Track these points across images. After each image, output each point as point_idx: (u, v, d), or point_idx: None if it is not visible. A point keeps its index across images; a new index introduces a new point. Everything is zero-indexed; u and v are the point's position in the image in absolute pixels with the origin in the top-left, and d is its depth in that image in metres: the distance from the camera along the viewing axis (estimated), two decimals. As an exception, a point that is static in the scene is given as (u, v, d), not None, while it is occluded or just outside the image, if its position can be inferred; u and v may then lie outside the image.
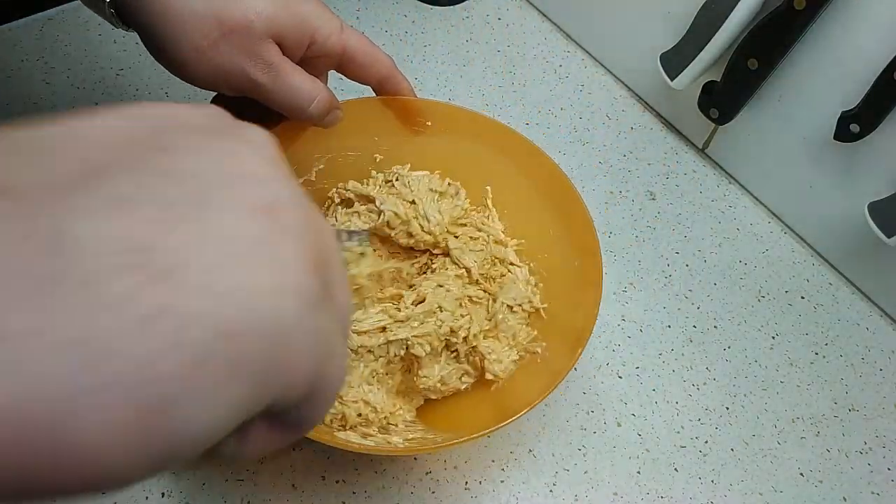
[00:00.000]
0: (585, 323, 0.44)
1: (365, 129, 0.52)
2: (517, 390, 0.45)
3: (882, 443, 0.51)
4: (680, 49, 0.61)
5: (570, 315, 0.47)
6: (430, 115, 0.52)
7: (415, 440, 0.43)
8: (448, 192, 0.53)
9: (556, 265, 0.50)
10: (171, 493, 0.44)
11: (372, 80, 0.49)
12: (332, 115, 0.46)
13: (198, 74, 0.41)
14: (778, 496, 0.48)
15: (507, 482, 0.47)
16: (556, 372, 0.42)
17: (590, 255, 0.47)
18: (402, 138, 0.52)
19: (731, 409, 0.52)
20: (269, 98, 0.42)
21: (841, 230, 0.59)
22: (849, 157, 0.56)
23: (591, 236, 0.48)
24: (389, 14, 0.77)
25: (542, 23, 0.78)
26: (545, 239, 0.51)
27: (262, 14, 0.40)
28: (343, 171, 0.52)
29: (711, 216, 0.63)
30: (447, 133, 0.52)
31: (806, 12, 0.52)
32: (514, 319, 0.49)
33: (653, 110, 0.71)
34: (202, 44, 0.39)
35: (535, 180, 0.51)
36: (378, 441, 0.42)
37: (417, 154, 0.53)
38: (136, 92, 0.65)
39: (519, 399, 0.43)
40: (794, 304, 0.58)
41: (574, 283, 0.48)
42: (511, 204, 0.53)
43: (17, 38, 0.68)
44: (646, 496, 0.47)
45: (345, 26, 0.45)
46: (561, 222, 0.50)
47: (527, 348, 0.48)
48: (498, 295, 0.49)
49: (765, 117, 0.61)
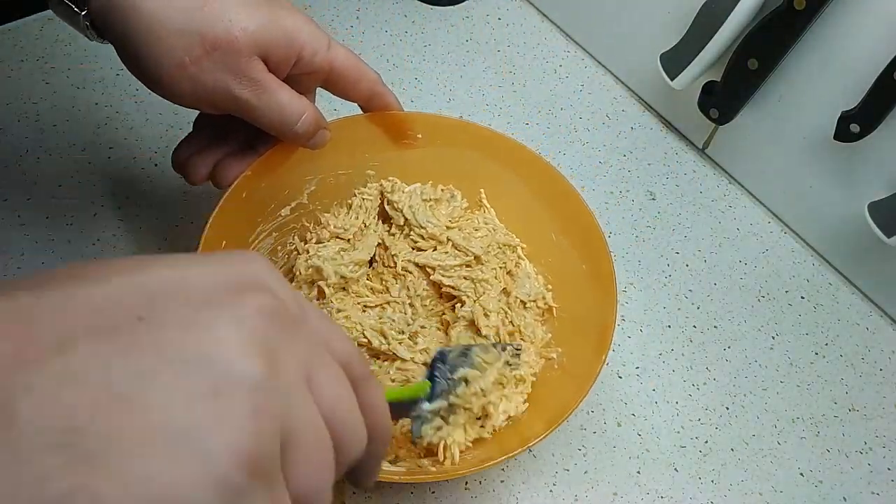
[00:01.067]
0: (605, 325, 0.44)
1: (354, 147, 0.51)
2: (544, 400, 0.45)
3: (882, 443, 0.51)
4: (680, 49, 0.61)
5: (585, 317, 0.47)
6: (420, 127, 0.52)
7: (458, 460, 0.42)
8: (443, 197, 0.53)
9: (561, 268, 0.50)
10: (171, 493, 0.44)
11: (359, 97, 0.48)
12: (320, 136, 0.45)
13: (179, 92, 0.40)
14: (778, 496, 0.48)
15: (507, 482, 0.47)
16: (582, 377, 0.42)
17: (598, 256, 0.47)
18: (393, 153, 0.52)
19: (731, 409, 0.52)
20: (254, 116, 0.41)
21: (841, 230, 0.59)
22: (849, 157, 0.56)
23: (597, 236, 0.48)
24: (389, 14, 0.77)
25: (542, 23, 0.78)
26: (547, 242, 0.51)
27: (247, 30, 0.38)
28: (335, 191, 0.52)
29: (711, 216, 0.63)
30: (437, 144, 0.52)
31: (806, 12, 0.52)
32: (529, 316, 0.49)
33: (653, 110, 0.71)
34: (184, 60, 0.38)
35: (532, 184, 0.51)
36: (409, 466, 0.41)
37: (409, 167, 0.53)
38: (136, 92, 0.65)
39: (551, 408, 0.42)
40: (794, 304, 0.58)
41: (584, 285, 0.48)
42: (508, 209, 0.53)
43: (17, 38, 0.68)
44: (646, 496, 0.47)
45: (332, 42, 0.44)
46: (563, 224, 0.50)
47: (542, 353, 0.48)
48: (511, 289, 0.49)
49: (765, 117, 0.61)
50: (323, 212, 0.52)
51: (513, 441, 0.41)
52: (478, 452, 0.42)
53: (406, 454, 0.42)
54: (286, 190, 0.50)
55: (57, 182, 0.59)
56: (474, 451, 0.43)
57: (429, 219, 0.50)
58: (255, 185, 0.46)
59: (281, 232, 0.50)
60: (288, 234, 0.51)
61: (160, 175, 0.60)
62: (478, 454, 0.42)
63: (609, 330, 0.44)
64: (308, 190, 0.51)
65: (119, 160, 0.61)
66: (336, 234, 0.50)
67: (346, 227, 0.50)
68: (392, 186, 0.52)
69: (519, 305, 0.49)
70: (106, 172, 0.60)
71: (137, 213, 0.58)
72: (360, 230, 0.51)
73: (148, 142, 0.62)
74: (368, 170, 0.53)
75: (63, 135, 0.62)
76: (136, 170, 0.60)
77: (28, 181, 0.58)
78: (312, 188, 0.51)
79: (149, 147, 0.62)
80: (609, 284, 0.46)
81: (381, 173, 0.53)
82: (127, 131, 0.63)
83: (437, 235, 0.50)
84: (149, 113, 0.64)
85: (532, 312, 0.49)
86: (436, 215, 0.51)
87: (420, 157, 0.52)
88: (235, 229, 0.46)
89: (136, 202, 0.58)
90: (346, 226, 0.50)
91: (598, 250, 0.47)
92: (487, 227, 0.52)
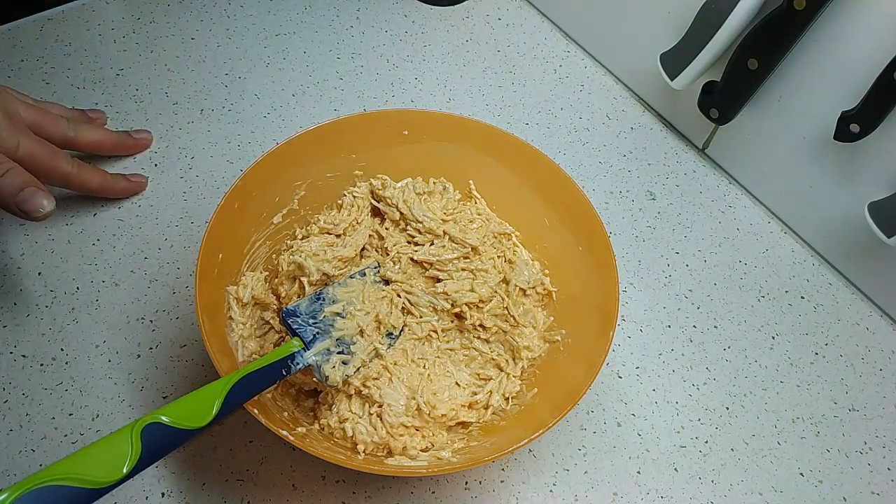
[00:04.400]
0: (608, 299, 0.44)
1: (340, 149, 0.52)
2: (554, 382, 0.45)
3: (882, 443, 0.51)
4: (680, 49, 0.61)
5: (585, 296, 0.47)
6: (405, 123, 0.52)
7: (464, 450, 0.42)
8: (436, 190, 0.53)
9: (558, 252, 0.50)
10: (171, 493, 0.44)
11: (55, 184, 0.53)
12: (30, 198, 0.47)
13: None
14: (778, 496, 0.48)
15: (507, 482, 0.47)
16: (590, 356, 0.42)
17: (594, 236, 0.47)
18: (380, 151, 0.52)
19: (731, 409, 0.52)
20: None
21: (841, 230, 0.59)
22: (849, 157, 0.56)
23: (591, 215, 0.48)
24: (389, 14, 0.77)
25: (542, 23, 0.78)
26: (541, 228, 0.51)
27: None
28: (325, 195, 0.52)
29: (711, 216, 0.63)
30: (423, 139, 0.52)
31: (806, 12, 0.52)
32: (529, 303, 0.49)
33: (653, 110, 0.71)
34: None
35: (521, 171, 0.52)
36: (429, 459, 0.42)
37: (396, 164, 0.53)
38: (136, 92, 0.65)
39: (561, 390, 0.42)
40: (794, 304, 0.58)
41: (582, 264, 0.48)
42: (499, 198, 0.53)
43: (17, 38, 0.68)
44: (646, 496, 0.47)
45: (22, 141, 0.49)
46: (554, 207, 0.50)
47: (545, 337, 0.48)
48: (510, 277, 0.49)
49: (765, 117, 0.61)
50: (314, 216, 0.52)
51: (530, 424, 0.41)
52: (495, 439, 0.42)
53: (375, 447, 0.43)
54: (276, 197, 0.50)
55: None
56: (490, 437, 0.43)
57: (424, 213, 0.51)
58: (245, 194, 0.46)
59: (274, 240, 0.50)
60: (281, 241, 0.51)
61: (160, 175, 0.60)
62: (496, 441, 0.42)
63: (613, 303, 0.44)
64: (298, 196, 0.51)
65: (119, 160, 0.61)
66: (326, 230, 0.50)
67: (335, 223, 0.50)
68: (383, 183, 0.52)
69: (518, 293, 0.49)
70: (106, 172, 0.60)
71: (137, 213, 0.58)
72: (350, 226, 0.51)
73: (148, 142, 0.62)
74: (356, 170, 0.53)
75: (63, 135, 0.62)
76: (135, 170, 0.60)
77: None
78: (302, 193, 0.51)
79: (149, 147, 0.62)
80: (607, 258, 0.46)
81: (369, 172, 0.53)
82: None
83: (434, 230, 0.50)
84: (149, 113, 0.64)
85: (532, 299, 0.49)
86: (430, 209, 0.51)
87: (407, 154, 0.53)
88: (230, 241, 0.46)
89: (136, 202, 0.58)
90: (336, 221, 0.50)
91: (591, 227, 0.47)
92: (481, 218, 0.52)
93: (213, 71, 0.69)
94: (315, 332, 0.43)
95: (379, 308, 0.46)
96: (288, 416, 0.43)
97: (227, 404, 0.36)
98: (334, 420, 0.43)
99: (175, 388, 0.48)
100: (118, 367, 0.49)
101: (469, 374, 0.47)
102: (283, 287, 0.48)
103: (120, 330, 0.51)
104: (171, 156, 0.62)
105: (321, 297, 0.45)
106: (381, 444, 0.42)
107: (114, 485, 0.30)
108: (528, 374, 0.47)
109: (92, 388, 0.48)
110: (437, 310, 0.48)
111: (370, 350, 0.45)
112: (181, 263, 0.55)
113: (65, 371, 0.49)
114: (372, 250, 0.51)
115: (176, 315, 0.52)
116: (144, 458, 0.31)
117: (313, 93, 0.68)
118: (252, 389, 0.38)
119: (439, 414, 0.44)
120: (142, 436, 0.32)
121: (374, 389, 0.43)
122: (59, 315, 0.51)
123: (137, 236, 0.56)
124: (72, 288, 0.53)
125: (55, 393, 0.48)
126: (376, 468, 0.39)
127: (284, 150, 0.48)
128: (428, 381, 0.46)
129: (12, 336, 0.50)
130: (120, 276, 0.54)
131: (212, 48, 0.71)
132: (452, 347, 0.48)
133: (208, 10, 0.74)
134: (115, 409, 0.47)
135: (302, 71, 0.70)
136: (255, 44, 0.72)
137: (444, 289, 0.48)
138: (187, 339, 0.51)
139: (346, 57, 0.72)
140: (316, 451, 0.37)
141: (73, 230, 0.56)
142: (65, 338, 0.50)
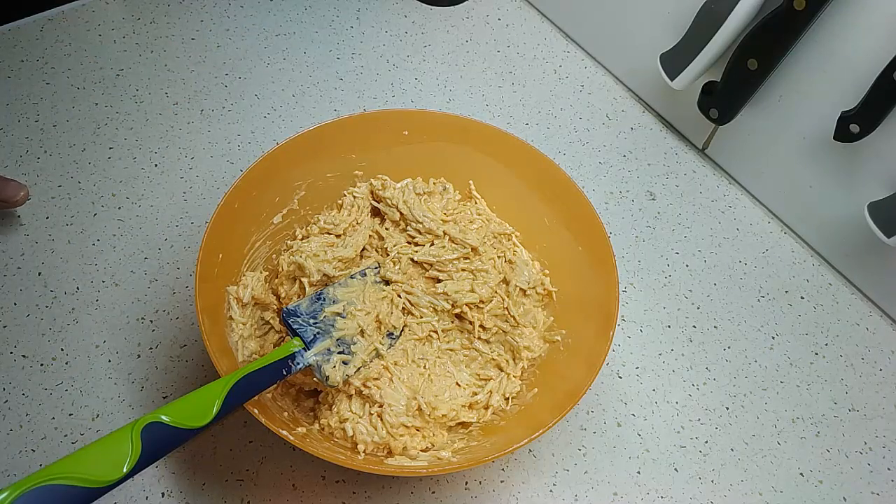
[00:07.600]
0: (608, 301, 0.44)
1: (340, 149, 0.52)
2: (554, 382, 0.45)
3: (882, 443, 0.51)
4: (680, 49, 0.61)
5: (585, 295, 0.47)
6: (406, 123, 0.52)
7: (464, 450, 0.42)
8: (435, 190, 0.53)
9: (557, 252, 0.50)
10: (171, 492, 0.44)
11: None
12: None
13: None
14: (778, 496, 0.48)
15: (507, 482, 0.47)
16: (590, 356, 0.42)
17: (593, 236, 0.47)
18: (380, 152, 0.52)
19: (731, 409, 0.52)
20: None
21: (841, 230, 0.59)
22: (849, 157, 0.56)
23: (591, 215, 0.48)
24: (389, 14, 0.77)
25: (542, 23, 0.78)
26: (541, 228, 0.51)
27: None
28: (325, 195, 0.52)
29: (711, 216, 0.63)
30: (425, 139, 0.52)
31: (806, 12, 0.52)
32: (529, 303, 0.49)
33: (653, 110, 0.71)
34: None
35: (521, 171, 0.52)
36: (430, 459, 0.42)
37: (396, 164, 0.53)
38: (135, 92, 0.65)
39: (561, 390, 0.42)
40: (794, 304, 0.58)
41: (582, 263, 0.48)
42: (498, 198, 0.53)
43: (17, 38, 0.68)
44: (646, 496, 0.47)
45: None
46: (555, 208, 0.50)
47: (545, 337, 0.48)
48: (510, 278, 0.49)
49: (765, 117, 0.61)
50: (314, 216, 0.52)
51: (530, 424, 0.41)
52: (495, 439, 0.42)
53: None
54: (276, 197, 0.50)
55: (57, 182, 0.59)
56: (490, 437, 0.43)
57: (424, 213, 0.51)
58: (245, 195, 0.46)
59: (274, 240, 0.50)
60: (281, 241, 0.51)
61: (160, 175, 0.60)
62: (495, 441, 0.42)
63: (613, 304, 0.44)
64: (298, 196, 0.51)
65: (119, 160, 0.61)
66: (326, 231, 0.50)
67: (335, 223, 0.50)
68: (382, 184, 0.52)
69: (519, 294, 0.49)
70: (106, 172, 0.60)
71: (137, 213, 0.58)
72: (350, 226, 0.51)
73: (148, 142, 0.62)
74: (356, 171, 0.53)
75: (63, 135, 0.62)
76: (136, 170, 0.60)
77: (28, 181, 0.58)
78: (302, 193, 0.51)
79: (149, 147, 0.62)
80: (607, 258, 0.46)
81: (369, 173, 0.53)
82: (127, 131, 0.63)
83: (434, 230, 0.50)
84: (149, 113, 0.64)
85: (532, 299, 0.49)
86: (430, 209, 0.51)
87: (407, 154, 0.53)
88: (230, 241, 0.46)
89: (136, 202, 0.58)
90: (336, 221, 0.50)
91: (591, 227, 0.47)
92: (481, 218, 0.52)
93: (213, 71, 0.69)
94: (315, 332, 0.43)
95: (379, 308, 0.46)
96: (288, 416, 0.43)
97: (227, 404, 0.36)
98: (334, 420, 0.43)
99: (175, 388, 0.48)
100: (118, 367, 0.49)
101: (469, 375, 0.47)
102: (284, 287, 0.48)
103: (120, 330, 0.51)
104: (171, 156, 0.62)
105: (322, 298, 0.45)
106: (382, 444, 0.42)
107: (114, 484, 0.30)
108: (529, 374, 0.47)
109: (92, 388, 0.48)
110: (438, 310, 0.49)
111: (371, 350, 0.45)
112: (181, 263, 0.55)
113: (65, 371, 0.49)
114: (372, 251, 0.51)
115: (176, 315, 0.52)
116: (144, 458, 0.31)
117: (313, 93, 0.68)
118: (252, 389, 0.38)
119: (440, 414, 0.44)
120: (142, 435, 0.32)
121: (374, 389, 0.43)
122: (59, 315, 0.51)
123: (137, 236, 0.56)
124: (72, 288, 0.53)
125: (55, 393, 0.48)
126: (376, 468, 0.39)
127: (284, 150, 0.48)
128: (428, 382, 0.46)
129: (12, 336, 0.50)
130: (120, 276, 0.54)
131: (212, 48, 0.71)
132: (453, 348, 0.48)
133: (208, 10, 0.74)
134: (115, 409, 0.47)
135: (302, 71, 0.70)
136: (255, 44, 0.72)
137: (444, 289, 0.48)
138: (187, 339, 0.51)
139: (346, 57, 0.72)
140: (316, 451, 0.37)
141: (73, 230, 0.56)
142: (65, 338, 0.50)
